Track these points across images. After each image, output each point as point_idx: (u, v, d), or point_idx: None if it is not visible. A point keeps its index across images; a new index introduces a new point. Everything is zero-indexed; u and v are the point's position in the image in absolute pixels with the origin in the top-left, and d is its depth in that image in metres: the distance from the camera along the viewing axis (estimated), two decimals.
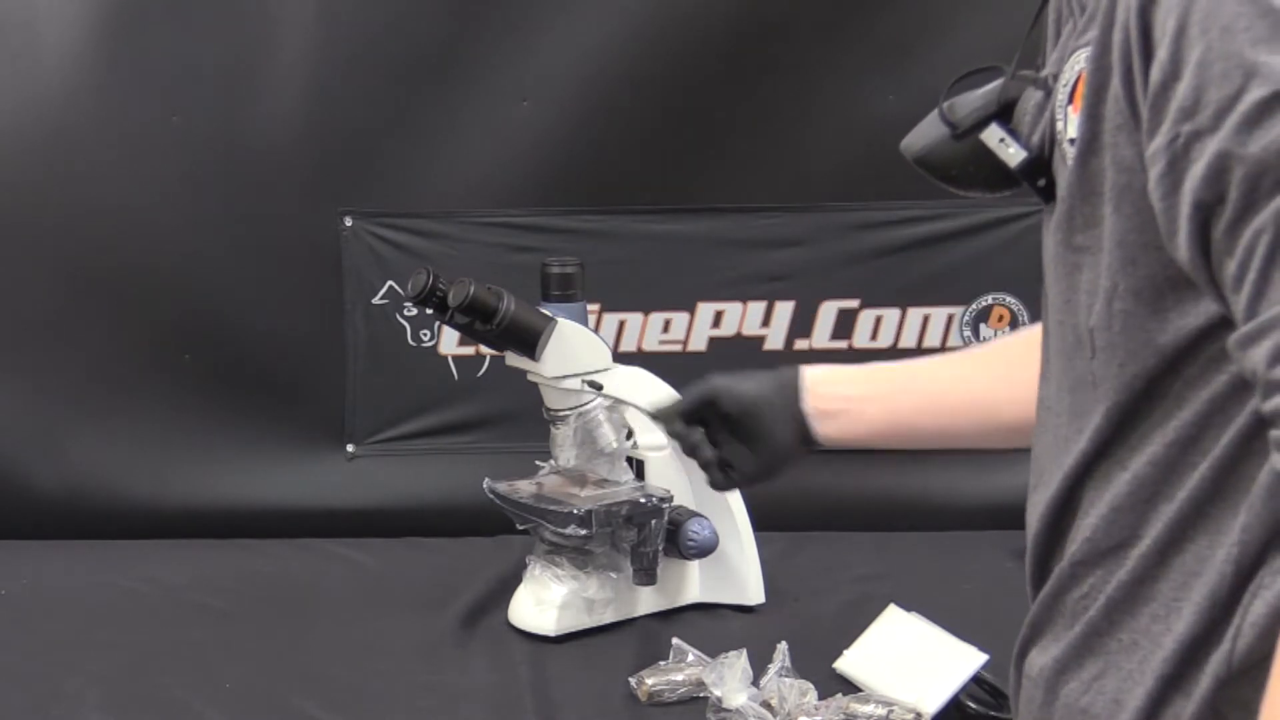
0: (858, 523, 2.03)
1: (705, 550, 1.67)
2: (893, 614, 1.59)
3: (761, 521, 1.81)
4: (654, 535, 1.64)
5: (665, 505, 1.65)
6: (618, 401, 1.65)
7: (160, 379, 2.07)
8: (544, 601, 1.66)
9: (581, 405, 1.65)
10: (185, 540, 2.00)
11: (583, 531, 1.60)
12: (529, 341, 1.60)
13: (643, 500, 1.64)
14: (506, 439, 2.02)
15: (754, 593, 1.73)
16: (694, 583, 1.73)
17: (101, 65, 1.99)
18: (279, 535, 2.01)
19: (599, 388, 1.62)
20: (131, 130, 2.01)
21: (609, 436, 1.65)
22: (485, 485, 1.70)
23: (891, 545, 1.97)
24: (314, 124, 2.01)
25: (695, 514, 1.69)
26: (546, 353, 1.61)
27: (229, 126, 2.02)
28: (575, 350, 1.63)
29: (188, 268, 2.05)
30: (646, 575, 1.65)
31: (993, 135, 0.93)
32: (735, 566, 1.73)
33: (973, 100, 0.97)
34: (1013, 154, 0.91)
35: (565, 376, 1.63)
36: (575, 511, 1.60)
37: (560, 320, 1.62)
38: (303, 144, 2.02)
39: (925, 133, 1.01)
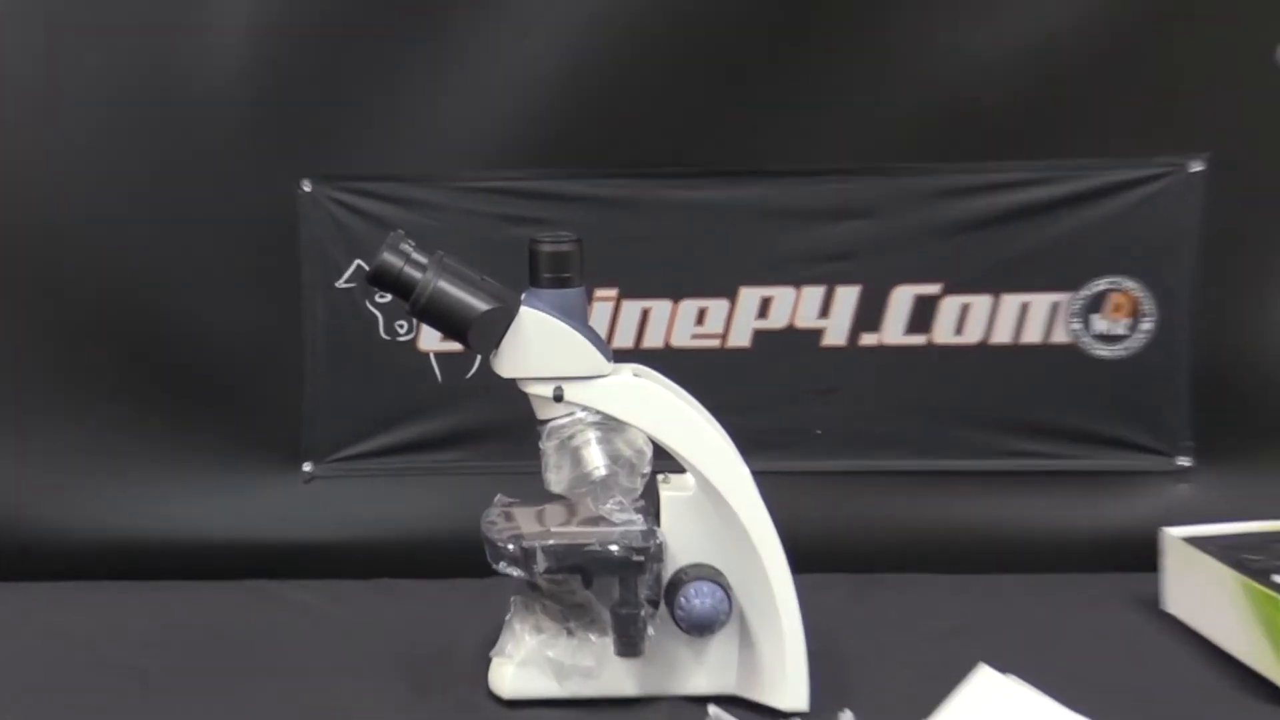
0: (939, 563, 1.90)
1: (700, 624, 1.48)
2: (984, 676, 1.49)
3: (822, 561, 1.70)
4: (635, 595, 1.47)
5: (637, 559, 1.46)
6: (607, 417, 1.46)
7: (68, 382, 1.92)
8: (504, 655, 1.57)
9: (555, 418, 1.46)
10: (98, 582, 1.87)
11: (516, 572, 1.50)
12: (457, 328, 1.44)
13: (600, 549, 1.47)
14: (501, 457, 1.88)
15: (792, 696, 1.49)
16: (711, 669, 1.54)
17: None
18: (217, 576, 1.88)
19: (559, 397, 1.45)
20: (37, 71, 1.84)
21: (595, 460, 1.45)
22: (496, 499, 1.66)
23: (979, 590, 1.85)
24: (266, 68, 1.85)
25: (708, 578, 1.49)
26: (503, 348, 1.45)
27: (160, 67, 1.85)
28: (538, 347, 1.44)
29: (104, 241, 1.89)
30: (627, 644, 1.49)
31: None
32: (767, 657, 1.51)
33: None
34: None
35: (525, 379, 1.47)
36: (511, 547, 1.49)
37: (524, 309, 1.44)
38: (252, 93, 1.85)
39: None
